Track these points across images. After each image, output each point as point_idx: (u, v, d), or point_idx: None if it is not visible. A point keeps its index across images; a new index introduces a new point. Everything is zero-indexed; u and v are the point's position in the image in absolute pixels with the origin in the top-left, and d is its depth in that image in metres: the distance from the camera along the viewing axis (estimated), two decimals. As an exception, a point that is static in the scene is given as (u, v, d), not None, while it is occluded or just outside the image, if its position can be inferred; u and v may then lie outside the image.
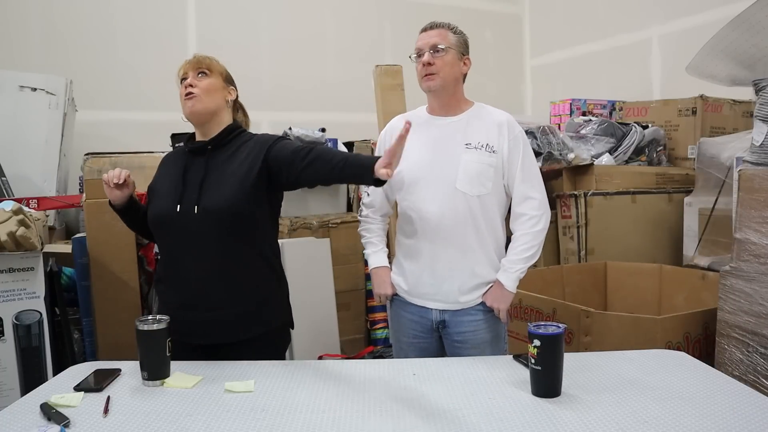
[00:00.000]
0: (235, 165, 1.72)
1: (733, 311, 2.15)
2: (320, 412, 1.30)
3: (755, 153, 2.18)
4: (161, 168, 1.87)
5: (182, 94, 1.77)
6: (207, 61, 1.80)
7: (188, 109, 1.75)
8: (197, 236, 1.67)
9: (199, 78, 1.76)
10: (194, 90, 1.74)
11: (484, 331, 1.86)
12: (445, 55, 1.81)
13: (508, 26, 5.44)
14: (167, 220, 1.70)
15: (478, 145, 1.82)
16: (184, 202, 1.69)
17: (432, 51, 1.81)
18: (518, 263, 1.84)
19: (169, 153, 1.94)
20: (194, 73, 1.77)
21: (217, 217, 1.66)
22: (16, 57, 3.69)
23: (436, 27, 1.85)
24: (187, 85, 1.75)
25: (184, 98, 1.76)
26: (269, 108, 4.16)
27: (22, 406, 1.36)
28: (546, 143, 3.30)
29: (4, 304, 2.14)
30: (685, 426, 1.18)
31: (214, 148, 1.76)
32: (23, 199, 2.62)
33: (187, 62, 1.81)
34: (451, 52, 1.83)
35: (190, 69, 1.78)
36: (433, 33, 1.84)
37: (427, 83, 1.84)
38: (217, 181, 1.70)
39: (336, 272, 3.17)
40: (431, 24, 1.87)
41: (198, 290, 1.69)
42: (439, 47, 1.81)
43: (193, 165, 1.75)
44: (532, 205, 1.85)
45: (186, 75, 1.78)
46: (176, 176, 1.75)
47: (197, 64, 1.79)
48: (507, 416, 1.25)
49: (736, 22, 2.47)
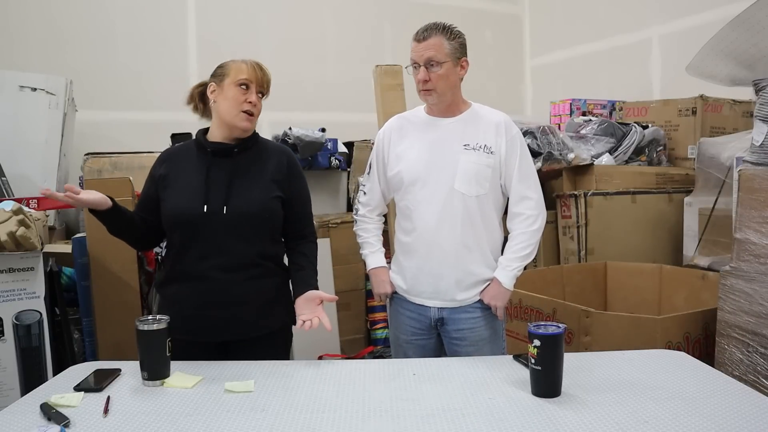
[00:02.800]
0: (260, 170, 1.76)
1: (733, 311, 2.15)
2: (320, 412, 1.30)
3: (755, 153, 2.18)
4: (169, 165, 1.80)
5: (239, 101, 1.72)
6: (270, 83, 1.80)
7: (244, 126, 1.74)
8: (224, 236, 1.69)
9: (259, 98, 1.77)
10: (255, 111, 1.76)
11: (482, 329, 1.87)
12: (440, 70, 1.78)
13: (508, 26, 5.44)
14: (192, 219, 1.69)
15: (476, 146, 1.83)
16: (211, 202, 1.69)
17: (427, 65, 1.78)
18: (515, 261, 1.86)
19: (173, 150, 1.87)
20: (257, 89, 1.76)
21: (245, 219, 1.69)
22: (16, 57, 3.69)
23: (430, 36, 1.78)
24: (253, 102, 1.74)
25: (241, 111, 1.72)
26: (269, 108, 4.11)
27: (22, 406, 1.36)
28: (546, 143, 3.30)
29: (4, 304, 2.14)
30: (685, 426, 1.18)
31: (240, 151, 1.77)
32: (23, 199, 2.61)
33: (257, 70, 1.77)
34: (447, 63, 1.78)
35: (256, 83, 1.76)
36: (428, 44, 1.77)
37: (424, 97, 1.85)
38: (245, 185, 1.73)
39: (336, 272, 3.17)
40: (425, 32, 1.79)
41: (219, 288, 1.70)
42: (434, 61, 1.77)
43: (215, 165, 1.75)
44: (529, 204, 1.86)
45: (249, 83, 1.74)
46: (197, 175, 1.74)
47: (265, 82, 1.78)
48: (507, 416, 1.25)
49: (736, 22, 2.47)
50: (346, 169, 3.67)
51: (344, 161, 3.65)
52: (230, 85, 1.74)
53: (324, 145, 3.46)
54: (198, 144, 1.80)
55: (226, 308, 1.71)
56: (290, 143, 3.30)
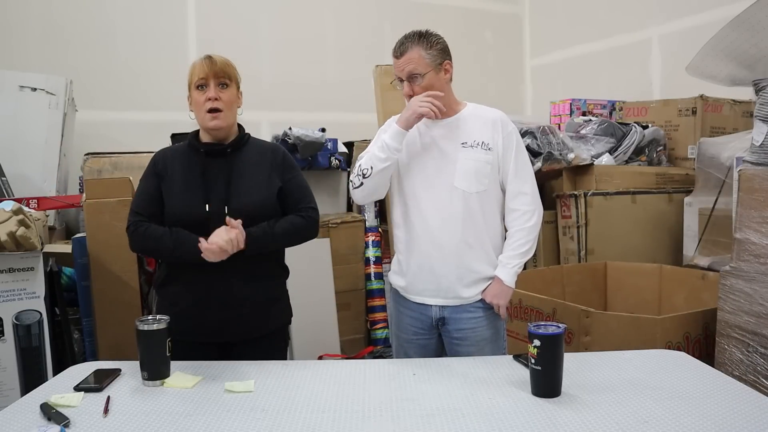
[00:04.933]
0: (256, 168, 1.76)
1: (733, 311, 2.15)
2: (320, 412, 1.30)
3: (755, 153, 2.18)
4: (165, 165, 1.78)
5: (200, 103, 1.70)
6: (228, 69, 1.73)
7: (212, 125, 1.70)
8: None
9: (221, 90, 1.70)
10: (219, 105, 1.69)
11: (484, 328, 1.87)
12: (423, 81, 1.78)
13: (508, 26, 5.44)
14: (195, 219, 1.69)
15: (474, 144, 1.84)
16: (213, 202, 1.69)
17: (410, 79, 1.79)
18: (515, 259, 1.86)
19: (166, 151, 1.83)
20: (216, 82, 1.70)
21: (247, 217, 1.68)
22: (16, 57, 3.69)
23: (407, 50, 1.78)
24: (211, 98, 1.68)
25: (205, 112, 1.69)
26: (269, 108, 4.16)
27: (22, 406, 1.36)
28: (546, 143, 3.30)
29: (4, 304, 2.14)
30: (685, 426, 1.18)
31: (233, 150, 1.77)
32: (23, 199, 2.62)
33: (206, 65, 1.70)
34: (429, 74, 1.78)
35: (211, 77, 1.69)
36: (407, 59, 1.78)
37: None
38: (244, 183, 1.73)
39: (336, 272, 3.18)
40: (401, 46, 1.80)
41: (222, 288, 1.70)
42: (416, 74, 1.78)
43: (211, 166, 1.74)
44: (525, 200, 1.87)
45: (206, 82, 1.70)
46: (195, 176, 1.73)
47: (220, 72, 1.70)
48: (507, 416, 1.25)
49: (736, 22, 2.47)
50: (346, 169, 3.67)
51: (344, 161, 3.65)
52: (192, 91, 1.73)
53: (324, 145, 3.46)
54: (191, 146, 1.79)
55: (228, 309, 1.71)
56: (290, 143, 3.30)
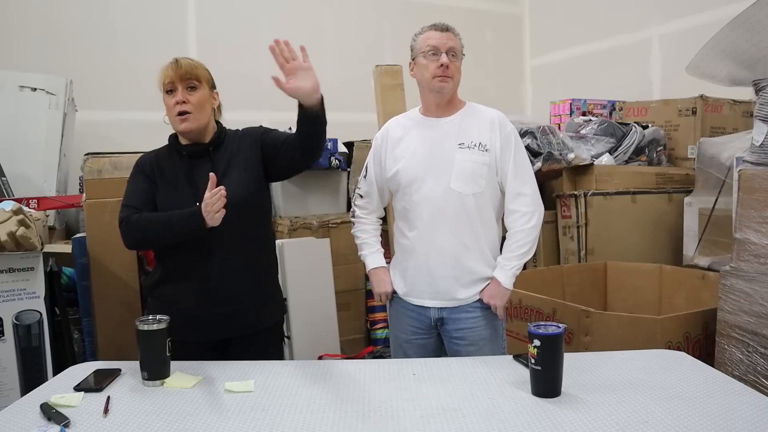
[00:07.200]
0: (239, 159, 1.76)
1: (733, 311, 2.15)
2: (320, 412, 1.30)
3: (755, 153, 2.18)
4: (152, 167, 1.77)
5: (170, 107, 1.70)
6: (195, 71, 1.72)
7: (182, 128, 1.71)
8: (220, 231, 1.66)
9: (190, 92, 1.70)
10: (188, 108, 1.69)
11: (483, 328, 1.87)
12: (457, 62, 1.85)
13: (508, 26, 5.44)
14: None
15: (471, 145, 1.84)
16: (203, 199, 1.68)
17: (449, 54, 1.82)
18: (514, 260, 1.86)
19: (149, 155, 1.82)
20: (183, 85, 1.70)
21: (238, 208, 1.67)
22: (16, 57, 3.69)
23: (450, 30, 1.86)
24: (179, 101, 1.68)
25: (175, 116, 1.70)
26: (269, 108, 4.14)
27: (22, 406, 1.36)
28: (546, 143, 3.30)
29: (4, 304, 2.14)
30: (685, 426, 1.18)
31: (215, 148, 1.78)
32: (23, 199, 2.62)
33: (171, 69, 1.70)
34: (461, 59, 1.87)
35: (177, 80, 1.69)
36: (450, 36, 1.85)
37: (441, 84, 1.83)
38: (229, 176, 1.73)
39: (336, 272, 3.17)
40: (446, 24, 1.87)
41: (219, 285, 1.70)
42: (455, 51, 1.84)
43: (196, 165, 1.75)
44: (524, 201, 1.86)
45: (173, 87, 1.70)
46: (182, 177, 1.74)
47: (186, 74, 1.70)
48: (507, 416, 1.25)
49: (736, 22, 2.47)
50: (346, 169, 3.66)
51: (344, 161, 3.65)
52: (164, 97, 1.74)
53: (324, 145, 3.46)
54: (174, 149, 1.79)
55: (225, 305, 1.71)
56: (290, 143, 3.29)
